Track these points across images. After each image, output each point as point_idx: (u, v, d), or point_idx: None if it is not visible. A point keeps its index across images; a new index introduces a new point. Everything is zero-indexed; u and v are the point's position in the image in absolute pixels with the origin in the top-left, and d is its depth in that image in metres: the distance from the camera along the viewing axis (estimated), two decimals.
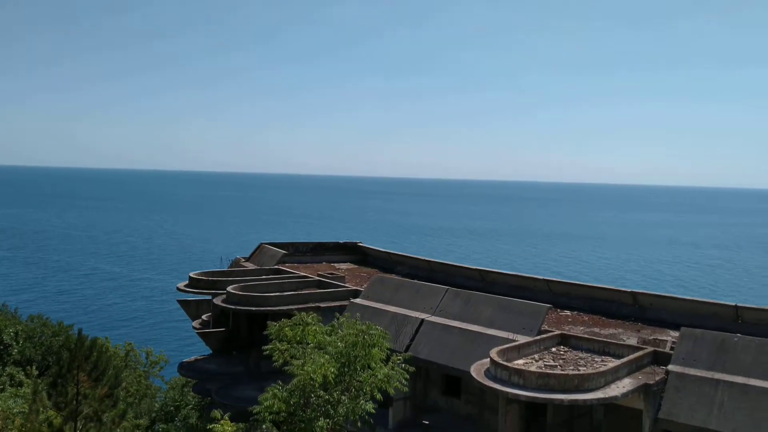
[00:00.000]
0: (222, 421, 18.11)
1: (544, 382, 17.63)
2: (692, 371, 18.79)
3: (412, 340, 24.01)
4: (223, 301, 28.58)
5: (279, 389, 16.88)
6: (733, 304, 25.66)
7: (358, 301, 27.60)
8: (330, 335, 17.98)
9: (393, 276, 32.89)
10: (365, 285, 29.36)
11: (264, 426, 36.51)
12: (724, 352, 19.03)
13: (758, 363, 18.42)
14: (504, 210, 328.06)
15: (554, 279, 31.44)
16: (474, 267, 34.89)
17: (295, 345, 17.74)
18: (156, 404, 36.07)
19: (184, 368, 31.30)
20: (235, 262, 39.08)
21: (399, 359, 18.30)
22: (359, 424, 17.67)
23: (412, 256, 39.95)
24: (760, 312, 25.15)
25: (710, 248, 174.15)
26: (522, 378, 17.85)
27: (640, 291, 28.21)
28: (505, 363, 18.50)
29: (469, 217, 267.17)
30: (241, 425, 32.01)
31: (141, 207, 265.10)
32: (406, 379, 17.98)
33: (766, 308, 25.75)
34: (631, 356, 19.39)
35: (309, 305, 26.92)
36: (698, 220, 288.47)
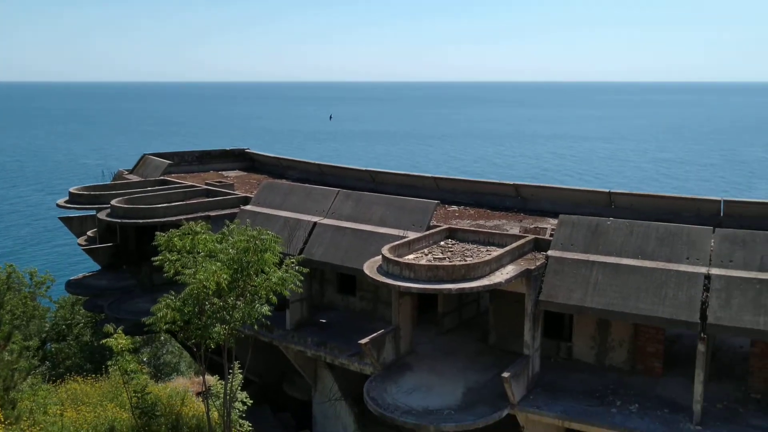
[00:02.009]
0: (115, 335, 17.94)
1: (433, 274, 18.35)
2: (569, 255, 20.04)
3: (305, 243, 24.23)
4: (107, 216, 27.66)
5: (172, 299, 16.77)
6: (607, 190, 27.30)
7: (248, 207, 27.39)
8: (221, 243, 17.84)
9: (283, 181, 32.73)
10: (255, 191, 29.10)
11: (162, 337, 36.45)
12: (598, 236, 20.35)
13: (628, 243, 19.86)
14: (391, 111, 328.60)
15: (441, 176, 32.25)
16: (364, 168, 35.19)
17: (185, 255, 17.52)
18: (46, 324, 35.05)
19: (72, 286, 30.42)
20: (118, 175, 37.65)
21: (292, 262, 18.47)
22: (256, 327, 17.91)
23: (302, 160, 39.74)
24: (631, 197, 26.93)
25: (595, 141, 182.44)
26: (413, 272, 18.49)
27: (522, 183, 29.45)
28: (396, 259, 19.06)
29: (358, 119, 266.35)
30: (137, 338, 31.80)
31: (19, 122, 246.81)
32: (300, 281, 18.24)
33: (637, 193, 27.60)
34: (514, 245, 20.39)
35: (198, 215, 26.51)
36: (584, 114, 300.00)
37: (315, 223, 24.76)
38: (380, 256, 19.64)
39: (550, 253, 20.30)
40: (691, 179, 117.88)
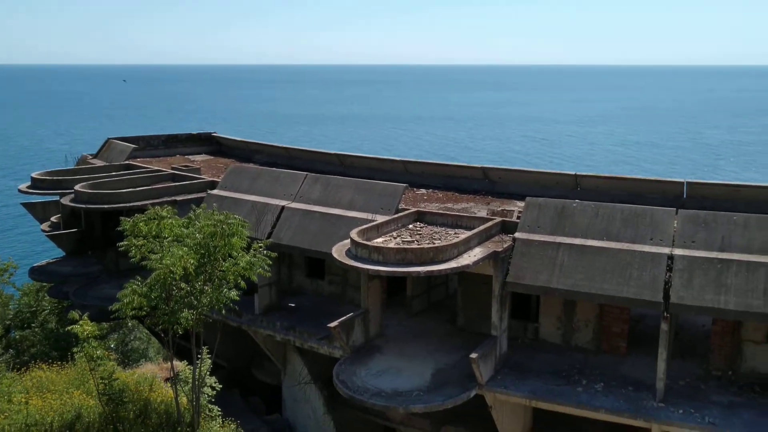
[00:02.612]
0: (81, 322, 17.73)
1: (402, 257, 18.40)
2: (536, 237, 20.24)
3: (273, 227, 24.13)
4: (71, 201, 27.21)
5: (138, 285, 16.60)
6: (574, 173, 27.56)
7: (215, 192, 27.16)
8: (187, 227, 17.68)
9: (251, 165, 32.46)
10: (222, 175, 28.85)
11: (129, 324, 36.07)
12: (564, 218, 20.57)
13: (594, 225, 20.11)
14: (354, 94, 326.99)
15: (410, 159, 32.28)
16: (332, 152, 35.08)
17: (151, 240, 17.34)
18: (9, 312, 34.50)
19: (36, 272, 29.96)
20: (82, 160, 37.02)
21: (260, 246, 18.39)
22: (224, 312, 17.83)
23: (269, 144, 39.47)
24: (597, 179, 27.22)
25: (566, 124, 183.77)
26: (381, 255, 18.53)
27: (490, 166, 29.61)
28: (365, 242, 19.07)
29: (326, 102, 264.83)
30: (104, 325, 31.46)
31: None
32: (269, 265, 18.18)
33: (602, 175, 27.90)
34: (481, 227, 20.52)
35: (164, 199, 26.20)
36: (552, 97, 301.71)
37: (283, 207, 24.65)
38: (349, 240, 19.64)
39: (517, 235, 20.48)
40: (658, 161, 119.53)
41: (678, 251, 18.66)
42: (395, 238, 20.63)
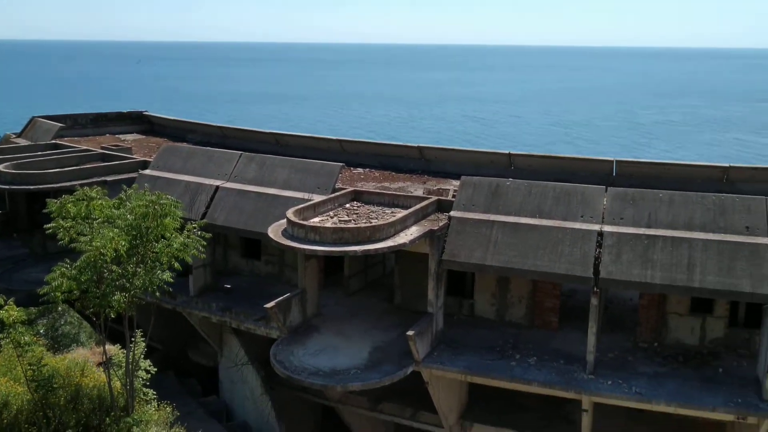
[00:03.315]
0: (7, 307, 17.12)
1: (338, 236, 18.41)
2: (471, 215, 20.52)
3: (207, 207, 23.77)
4: None
5: (67, 268, 16.12)
6: (507, 152, 28.02)
7: (147, 172, 26.54)
8: (118, 209, 17.21)
9: (184, 144, 31.82)
10: (154, 155, 28.20)
11: (59, 308, 35.07)
12: (498, 196, 20.91)
13: (526, 203, 20.51)
14: (292, 72, 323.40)
15: (347, 138, 32.21)
16: (268, 131, 34.69)
17: (80, 221, 16.82)
18: None
19: None
20: (5, 139, 35.63)
21: (195, 227, 18.07)
22: (158, 294, 17.50)
23: (203, 123, 38.79)
24: (530, 158, 27.77)
25: (503, 103, 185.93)
26: (318, 234, 18.50)
27: (426, 145, 29.82)
28: (301, 222, 18.99)
29: (261, 80, 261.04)
30: (32, 309, 30.45)
31: None
32: (203, 247, 17.88)
33: (535, 154, 28.48)
34: (418, 206, 20.68)
35: (94, 180, 25.45)
36: (495, 78, 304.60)
37: (217, 187, 24.29)
38: (285, 220, 19.52)
39: (452, 213, 20.72)
40: (591, 140, 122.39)
41: (607, 228, 19.22)
42: (332, 217, 20.60)
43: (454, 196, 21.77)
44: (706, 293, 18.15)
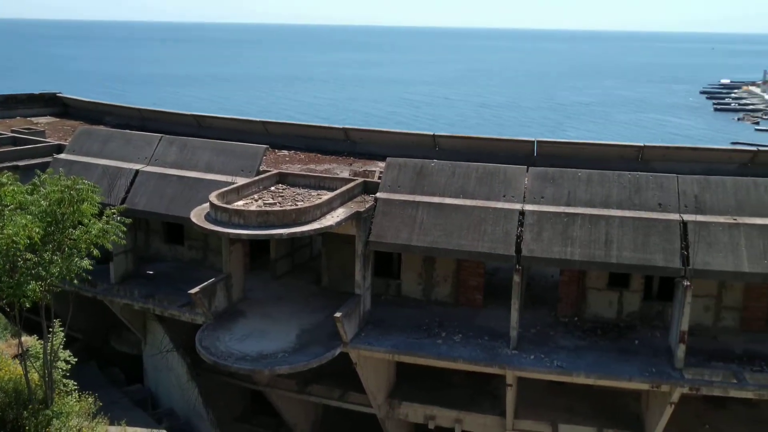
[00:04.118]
0: None
1: (263, 219, 18.22)
2: (397, 196, 20.65)
3: (127, 192, 23.12)
4: None
5: None
6: (432, 133, 28.24)
7: (62, 156, 25.56)
8: (31, 194, 16.52)
9: (101, 127, 30.76)
10: (70, 139, 27.17)
11: None
12: (423, 177, 21.10)
13: (451, 183, 20.78)
14: (207, 53, 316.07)
15: (271, 120, 31.80)
16: (189, 113, 33.89)
17: None
18: None
19: None
20: None
21: (114, 213, 17.55)
22: (76, 282, 16.95)
23: (121, 105, 37.57)
24: (454, 139, 28.09)
25: (419, 84, 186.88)
26: (242, 218, 18.25)
27: (351, 127, 29.76)
28: (224, 205, 18.70)
29: (174, 61, 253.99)
30: None
31: None
32: (123, 232, 17.38)
33: (459, 135, 28.84)
34: (344, 188, 20.64)
35: (4, 165, 24.31)
36: (413, 59, 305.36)
37: (137, 171, 23.64)
38: (208, 204, 19.18)
39: (378, 195, 20.81)
40: (512, 121, 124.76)
41: (528, 207, 19.69)
42: (257, 200, 20.36)
43: (380, 178, 21.83)
44: (622, 268, 18.88)
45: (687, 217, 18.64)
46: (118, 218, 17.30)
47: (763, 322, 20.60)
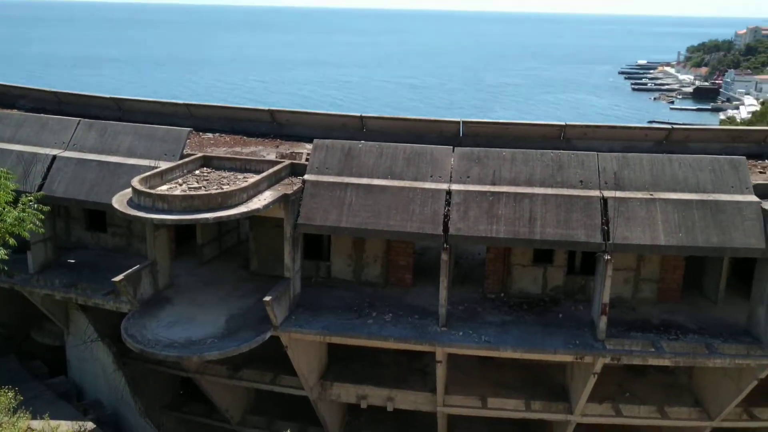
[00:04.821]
0: None
1: (188, 204, 17.88)
2: (325, 178, 20.57)
3: (44, 178, 22.27)
4: None
5: None
6: (359, 114, 28.16)
7: None
8: None
9: (14, 111, 29.44)
10: None
11: None
12: (351, 158, 21.06)
13: (379, 164, 20.81)
14: (131, 35, 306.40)
15: (194, 103, 31.05)
16: (108, 96, 32.75)
17: None
18: None
19: None
20: None
21: (30, 200, 16.95)
22: None
23: (35, 88, 35.91)
24: (381, 120, 28.03)
25: (351, 66, 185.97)
26: (166, 203, 17.86)
27: (277, 108, 29.36)
28: (147, 190, 18.25)
29: (80, 43, 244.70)
30: None
31: None
32: (41, 220, 16.84)
33: (386, 117, 28.80)
34: (270, 170, 20.41)
35: None
36: (338, 40, 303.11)
37: (55, 157, 22.78)
38: (130, 189, 18.68)
39: (306, 177, 20.67)
40: (439, 102, 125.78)
41: (455, 186, 19.93)
42: (181, 185, 19.93)
43: (307, 160, 21.68)
44: (546, 244, 19.36)
45: (607, 194, 19.24)
46: (35, 206, 16.72)
47: (678, 293, 21.55)
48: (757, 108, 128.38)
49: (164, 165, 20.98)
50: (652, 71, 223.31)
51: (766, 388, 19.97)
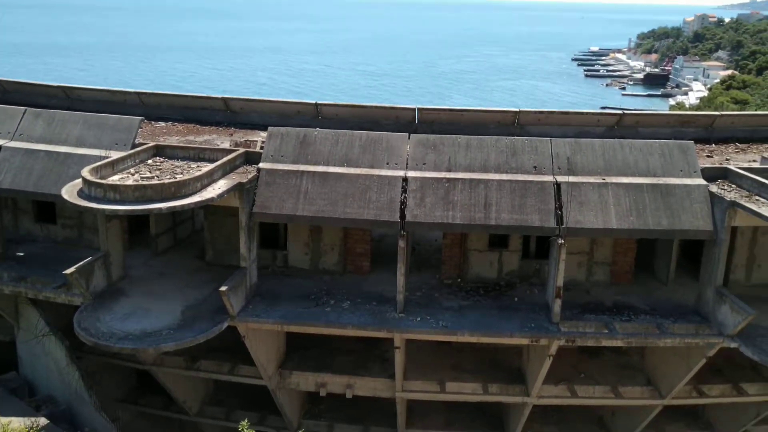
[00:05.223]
0: None
1: (141, 194, 17.57)
2: (280, 166, 20.40)
3: None
4: None
5: None
6: (314, 102, 27.99)
7: None
8: None
9: None
10: None
11: None
12: (306, 146, 20.92)
13: (334, 152, 20.72)
14: (81, 21, 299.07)
15: (146, 91, 30.49)
16: (56, 84, 31.93)
17: None
18: None
19: None
20: None
21: None
22: None
23: None
24: (336, 107, 27.89)
25: (308, 54, 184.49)
26: (118, 193, 17.52)
27: (231, 96, 29.01)
28: (98, 180, 17.87)
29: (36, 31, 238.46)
30: None
31: None
32: None
33: (341, 104, 28.65)
34: (225, 159, 20.17)
35: None
36: (294, 27, 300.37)
37: (0, 147, 22.14)
38: (80, 179, 18.27)
39: (261, 165, 20.49)
40: (395, 89, 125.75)
41: (411, 173, 19.97)
42: (133, 174, 19.56)
43: (262, 148, 21.48)
44: (501, 230, 19.57)
45: (560, 179, 19.49)
46: None
47: (629, 275, 22.01)
48: (705, 94, 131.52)
49: (115, 155, 20.54)
50: (604, 58, 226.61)
51: (715, 366, 20.60)
